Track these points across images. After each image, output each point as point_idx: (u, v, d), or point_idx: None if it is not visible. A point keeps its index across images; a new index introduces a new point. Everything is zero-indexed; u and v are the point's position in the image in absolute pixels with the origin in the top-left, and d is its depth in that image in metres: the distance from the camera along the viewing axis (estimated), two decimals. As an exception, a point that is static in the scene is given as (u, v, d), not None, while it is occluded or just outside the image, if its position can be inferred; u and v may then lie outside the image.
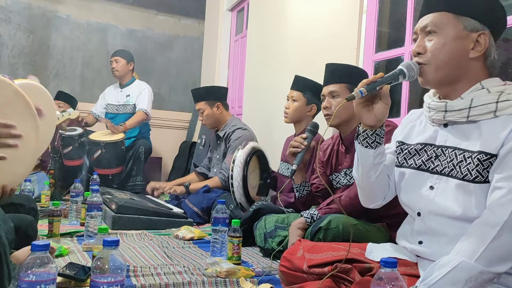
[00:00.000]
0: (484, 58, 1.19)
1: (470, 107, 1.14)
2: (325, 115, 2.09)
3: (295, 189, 2.16)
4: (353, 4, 2.84)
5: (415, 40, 1.26)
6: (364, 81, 1.21)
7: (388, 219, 1.80)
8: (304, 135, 2.01)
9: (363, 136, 1.29)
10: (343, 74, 2.05)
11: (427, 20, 1.21)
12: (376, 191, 1.38)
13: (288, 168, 2.68)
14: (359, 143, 1.31)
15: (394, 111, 2.53)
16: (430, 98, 1.27)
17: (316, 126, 2.05)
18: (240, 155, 2.53)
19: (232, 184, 2.49)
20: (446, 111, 1.18)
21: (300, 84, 2.71)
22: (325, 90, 2.08)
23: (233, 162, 2.52)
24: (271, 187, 2.23)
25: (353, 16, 2.84)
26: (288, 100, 2.75)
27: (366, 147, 1.29)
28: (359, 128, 1.31)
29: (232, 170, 2.51)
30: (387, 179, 1.37)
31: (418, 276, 1.17)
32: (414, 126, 1.34)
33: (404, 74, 1.21)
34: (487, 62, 1.19)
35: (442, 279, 1.02)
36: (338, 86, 2.03)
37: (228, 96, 4.87)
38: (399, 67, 1.23)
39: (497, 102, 1.11)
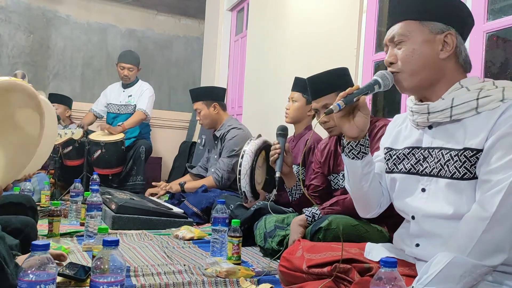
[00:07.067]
0: (455, 57, 1.21)
1: (452, 107, 1.16)
2: (325, 128, 2.06)
3: (288, 193, 2.16)
4: (353, 4, 2.84)
5: (386, 52, 1.28)
6: (341, 94, 1.23)
7: (390, 219, 1.79)
8: (275, 141, 2.07)
9: (348, 148, 1.31)
10: (327, 85, 1.99)
11: (393, 31, 1.24)
12: (370, 200, 1.39)
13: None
14: (345, 155, 1.33)
15: (394, 110, 2.52)
16: (412, 102, 1.29)
17: (284, 129, 2.10)
18: (252, 145, 2.54)
19: (239, 171, 2.51)
20: (429, 112, 1.20)
21: (300, 85, 2.73)
22: (316, 104, 2.04)
23: (244, 151, 2.53)
24: (279, 184, 2.23)
25: (353, 16, 2.84)
26: (289, 101, 2.78)
27: (353, 158, 1.31)
28: (343, 141, 1.32)
29: (242, 158, 2.52)
30: (379, 187, 1.38)
31: (416, 277, 1.17)
32: (400, 131, 1.36)
33: (379, 84, 1.24)
34: (459, 60, 1.22)
35: (437, 277, 1.03)
36: (328, 98, 1.98)
37: (228, 96, 4.88)
38: (374, 77, 1.26)
39: (477, 99, 1.13)
